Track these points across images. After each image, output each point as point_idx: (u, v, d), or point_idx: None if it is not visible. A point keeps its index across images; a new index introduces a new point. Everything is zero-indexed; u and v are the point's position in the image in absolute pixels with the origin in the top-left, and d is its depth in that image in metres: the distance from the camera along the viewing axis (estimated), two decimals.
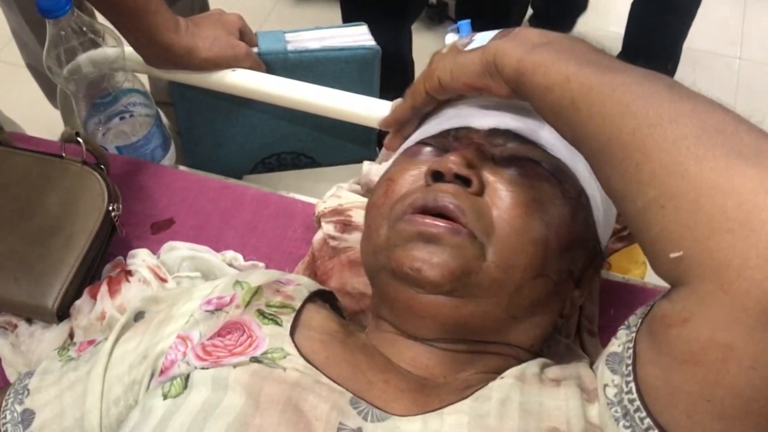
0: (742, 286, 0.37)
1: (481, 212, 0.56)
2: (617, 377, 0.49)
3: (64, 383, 0.62)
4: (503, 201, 0.57)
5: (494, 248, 0.55)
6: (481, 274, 0.55)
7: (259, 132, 1.10)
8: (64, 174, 0.82)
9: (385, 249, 0.58)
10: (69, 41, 0.89)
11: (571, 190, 0.61)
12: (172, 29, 0.90)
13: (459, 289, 0.55)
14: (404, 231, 0.56)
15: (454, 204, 0.55)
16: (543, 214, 0.57)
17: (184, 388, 0.53)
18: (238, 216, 0.89)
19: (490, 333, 0.59)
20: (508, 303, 0.57)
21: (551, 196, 0.59)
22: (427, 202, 0.56)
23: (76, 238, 0.79)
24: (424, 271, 0.54)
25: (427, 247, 0.55)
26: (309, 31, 1.05)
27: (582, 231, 0.61)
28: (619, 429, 0.47)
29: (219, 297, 0.63)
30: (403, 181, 0.61)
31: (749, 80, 2.12)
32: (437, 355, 0.58)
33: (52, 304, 0.77)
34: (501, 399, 0.51)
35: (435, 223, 0.55)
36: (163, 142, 1.04)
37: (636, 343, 0.47)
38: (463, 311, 0.56)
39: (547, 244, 0.57)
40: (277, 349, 0.56)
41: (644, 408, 0.45)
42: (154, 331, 0.62)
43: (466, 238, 0.55)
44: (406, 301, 0.56)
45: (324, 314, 0.63)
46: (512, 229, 0.56)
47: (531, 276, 0.57)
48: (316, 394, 0.52)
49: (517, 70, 0.52)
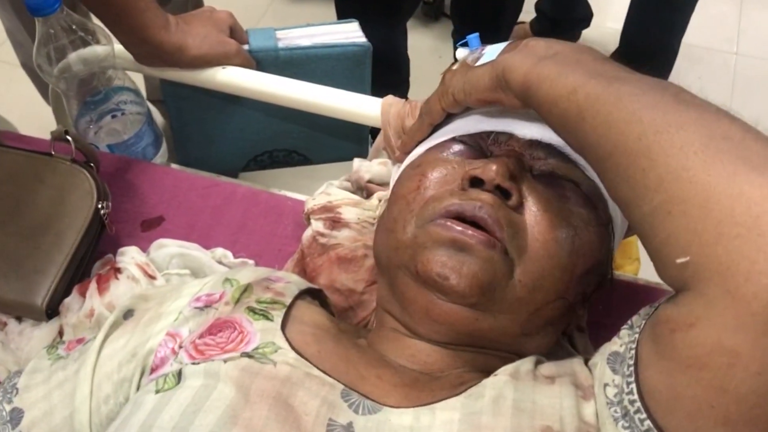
0: (749, 290, 0.37)
1: (517, 229, 0.55)
2: (618, 377, 0.48)
3: (53, 382, 0.62)
4: (540, 222, 0.56)
5: (523, 268, 0.55)
6: (507, 291, 0.55)
7: (251, 129, 1.10)
8: (53, 172, 0.82)
9: (411, 247, 0.57)
10: (59, 39, 0.89)
11: (603, 216, 0.60)
12: (161, 27, 0.90)
13: (482, 303, 0.55)
14: (436, 234, 0.55)
15: (493, 217, 0.54)
16: (575, 240, 0.57)
17: (176, 383, 0.53)
18: (228, 213, 0.89)
19: (501, 345, 0.59)
20: (525, 321, 0.57)
21: (586, 223, 0.58)
22: (464, 210, 0.55)
23: (65, 236, 0.79)
24: (452, 279, 0.53)
25: (458, 255, 0.54)
26: (300, 28, 1.05)
27: (604, 257, 0.61)
28: (618, 429, 0.47)
29: (208, 294, 0.63)
30: (436, 179, 0.59)
31: (746, 76, 2.11)
32: (438, 353, 0.59)
33: (41, 302, 0.77)
34: (494, 397, 0.51)
35: (470, 232, 0.54)
36: (155, 140, 1.05)
37: (639, 345, 0.47)
38: (481, 324, 0.56)
39: (573, 270, 0.57)
40: (269, 344, 0.56)
41: (645, 410, 0.45)
42: (143, 328, 0.62)
43: (498, 254, 0.54)
44: (424, 305, 0.56)
45: (315, 310, 0.64)
46: (545, 252, 0.55)
47: (552, 299, 0.56)
48: (306, 388, 0.52)
49: (525, 83, 0.53)
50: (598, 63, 0.51)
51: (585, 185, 0.60)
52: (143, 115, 1.02)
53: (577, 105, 0.48)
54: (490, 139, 0.62)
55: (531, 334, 0.59)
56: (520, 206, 0.56)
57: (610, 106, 0.46)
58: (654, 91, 0.46)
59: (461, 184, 0.57)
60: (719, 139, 0.41)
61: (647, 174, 0.42)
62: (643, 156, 0.43)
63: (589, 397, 0.51)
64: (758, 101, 2.03)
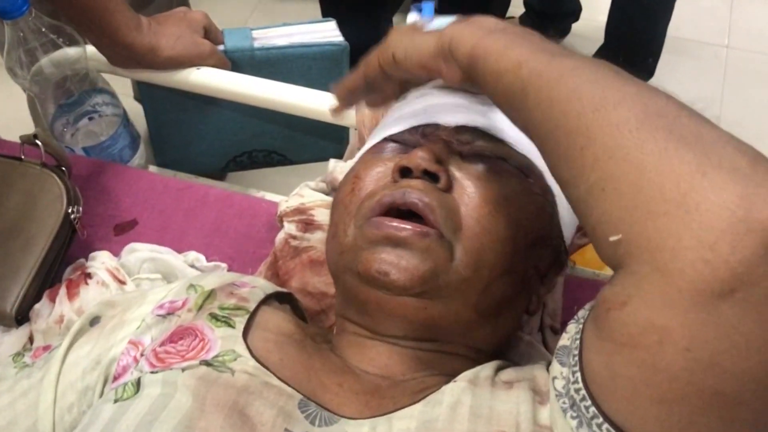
0: (676, 266, 0.37)
1: (449, 209, 0.56)
2: (565, 369, 0.48)
3: (17, 390, 0.62)
4: (471, 198, 0.57)
5: (462, 247, 0.55)
6: (450, 275, 0.55)
7: (229, 130, 1.09)
8: (22, 176, 0.81)
9: (352, 250, 0.57)
10: (29, 43, 0.89)
11: (537, 187, 0.61)
12: (133, 28, 0.90)
13: (428, 291, 0.55)
14: (372, 234, 0.55)
15: (423, 201, 0.55)
16: (511, 211, 0.57)
17: (135, 393, 0.52)
18: (202, 216, 0.89)
19: (459, 333, 0.59)
20: (476, 301, 0.56)
21: (518, 193, 0.58)
22: (395, 199, 0.56)
23: (34, 241, 0.79)
24: (392, 275, 0.53)
25: (395, 251, 0.54)
26: (276, 28, 1.04)
27: (548, 228, 0.61)
28: (567, 420, 0.46)
29: (171, 301, 0.63)
30: (370, 178, 0.60)
31: (737, 69, 2.10)
32: (399, 354, 0.58)
33: (10, 308, 0.76)
34: (452, 403, 0.51)
35: (402, 226, 0.54)
36: (131, 142, 1.04)
37: (582, 333, 0.47)
38: (432, 312, 0.56)
39: (515, 242, 0.56)
40: (229, 351, 0.55)
41: (589, 396, 0.44)
42: (107, 336, 0.62)
43: (435, 241, 0.54)
44: (375, 301, 0.56)
45: (281, 316, 0.63)
46: (481, 227, 0.55)
47: (498, 274, 0.56)
48: (263, 398, 0.51)
49: (472, 55, 0.52)
50: (545, 42, 0.51)
51: (514, 160, 0.61)
52: (119, 117, 1.02)
53: (521, 80, 0.47)
54: (419, 132, 0.63)
55: (487, 316, 0.58)
56: (450, 187, 0.57)
57: (553, 82, 0.45)
58: (595, 67, 0.45)
59: (393, 177, 0.58)
60: (654, 116, 0.41)
61: (584, 152, 0.42)
62: (581, 134, 0.43)
63: (546, 402, 0.50)
64: (749, 95, 2.02)
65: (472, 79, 0.53)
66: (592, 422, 0.44)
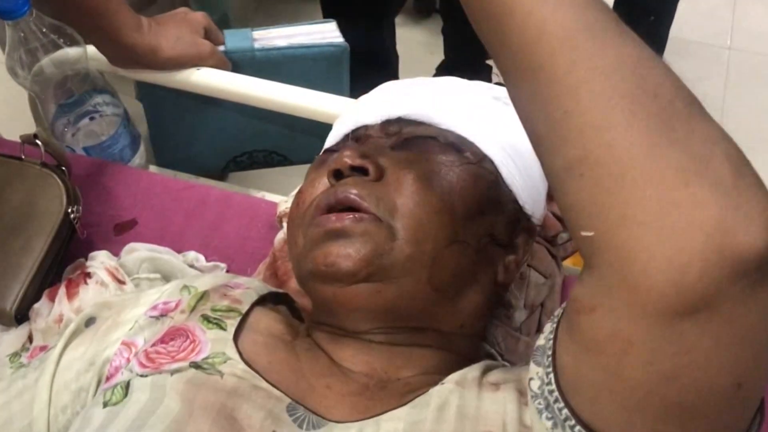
0: (645, 283, 0.37)
1: (381, 195, 0.57)
2: (540, 369, 0.48)
3: (12, 391, 0.62)
4: (402, 180, 0.58)
5: (401, 225, 0.56)
6: (394, 253, 0.55)
7: (229, 130, 1.09)
8: (22, 176, 0.82)
9: (304, 256, 0.58)
10: (30, 43, 0.89)
11: (471, 156, 0.61)
12: (134, 28, 0.90)
13: (375, 273, 0.55)
14: (314, 234, 0.57)
15: (353, 193, 0.56)
16: (443, 183, 0.58)
17: (124, 396, 0.53)
18: (202, 216, 0.89)
19: (422, 315, 0.59)
20: (428, 276, 0.56)
21: (448, 165, 0.59)
22: (329, 200, 0.57)
23: (34, 240, 0.79)
24: (338, 263, 0.54)
25: (338, 242, 0.55)
26: (277, 29, 1.04)
27: (492, 194, 0.61)
28: (543, 421, 0.47)
29: (165, 302, 0.63)
30: (312, 189, 0.62)
31: (739, 70, 2.10)
32: (375, 350, 0.58)
33: (10, 307, 0.77)
34: (439, 405, 0.51)
35: (338, 218, 0.56)
36: (132, 142, 1.04)
37: (556, 332, 0.47)
38: (386, 294, 0.56)
39: (452, 210, 0.57)
40: (219, 354, 0.55)
41: (561, 398, 0.45)
42: (101, 337, 0.62)
43: (371, 223, 0.55)
44: (332, 298, 0.57)
45: (272, 316, 0.63)
46: (414, 203, 0.56)
47: (444, 245, 0.56)
48: (252, 401, 0.52)
49: None
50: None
51: (443, 137, 0.62)
52: (120, 117, 1.02)
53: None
54: (350, 138, 0.66)
55: (445, 290, 0.58)
56: (381, 176, 0.58)
57: (546, 12, 0.40)
58: (596, 8, 0.41)
59: (329, 183, 0.60)
60: (650, 95, 0.38)
61: (569, 118, 0.39)
62: (568, 95, 0.39)
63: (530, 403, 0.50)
64: (751, 96, 2.01)
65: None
66: (565, 424, 0.45)
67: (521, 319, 0.78)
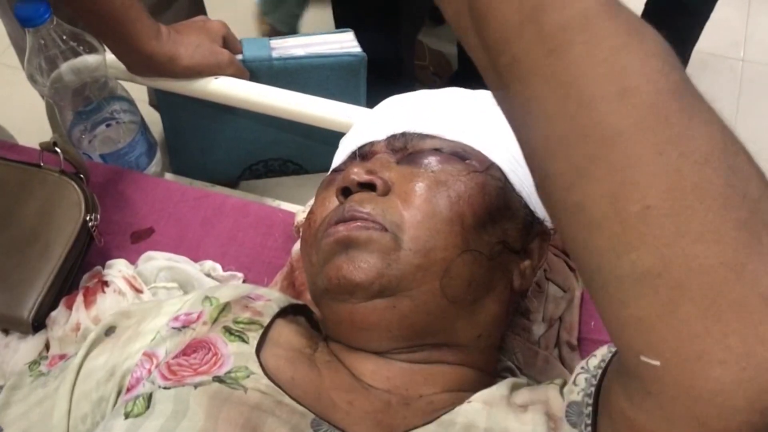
0: (718, 425, 0.34)
1: (387, 207, 0.57)
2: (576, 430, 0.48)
3: (32, 399, 0.62)
4: (409, 193, 0.58)
5: (408, 236, 0.56)
6: (402, 264, 0.55)
7: (245, 139, 1.09)
8: (41, 184, 0.82)
9: (318, 272, 0.59)
10: (50, 50, 0.89)
11: (477, 164, 0.61)
12: (153, 37, 0.90)
13: (387, 287, 0.55)
14: (326, 246, 0.57)
15: (363, 209, 0.57)
16: (450, 193, 0.58)
17: (146, 408, 0.52)
18: (219, 225, 0.89)
19: (440, 329, 0.58)
20: (442, 287, 0.56)
21: (455, 174, 0.59)
22: (339, 216, 0.58)
23: (52, 248, 0.79)
24: (349, 273, 0.55)
25: (347, 253, 0.56)
26: (294, 38, 1.04)
27: (502, 201, 0.61)
28: None
29: (187, 313, 0.63)
30: (322, 209, 0.62)
31: (753, 82, 2.09)
32: (395, 367, 0.58)
33: (27, 315, 0.76)
34: (465, 425, 0.50)
35: (345, 226, 0.56)
36: (148, 149, 1.04)
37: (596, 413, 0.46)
38: (401, 309, 0.56)
39: (461, 220, 0.57)
40: (242, 368, 0.55)
41: None
42: (122, 347, 0.62)
43: (377, 232, 0.55)
44: (348, 317, 0.57)
45: (293, 329, 0.63)
46: (422, 214, 0.56)
47: (455, 254, 0.56)
48: (276, 416, 0.51)
49: None
50: None
51: (447, 148, 0.62)
52: (137, 124, 1.02)
53: None
54: (357, 156, 0.67)
55: (461, 302, 0.58)
56: (388, 191, 0.59)
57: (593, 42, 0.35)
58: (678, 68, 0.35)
59: (339, 201, 0.60)
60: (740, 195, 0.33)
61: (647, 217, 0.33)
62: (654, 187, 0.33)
63: (560, 429, 0.50)
64: (765, 108, 2.00)
65: None
66: None
67: (540, 333, 0.77)
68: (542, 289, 0.78)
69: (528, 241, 0.64)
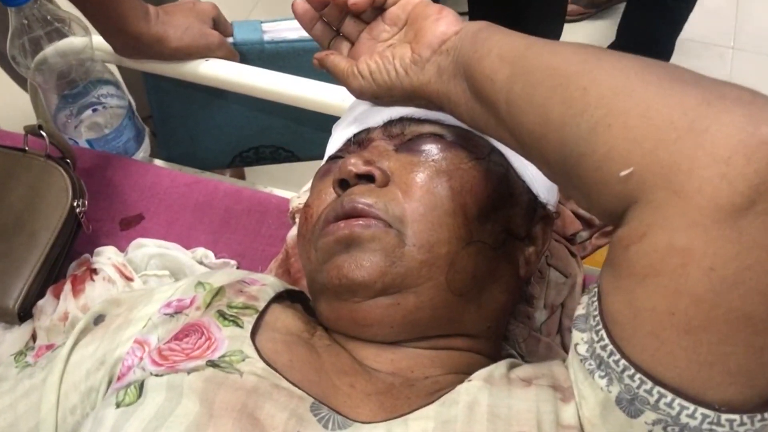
0: (693, 185, 0.37)
1: (389, 200, 0.55)
2: (586, 334, 0.47)
3: (18, 391, 0.60)
4: (409, 183, 0.56)
5: (411, 231, 0.55)
6: (406, 260, 0.54)
7: (235, 125, 1.07)
8: (26, 169, 0.79)
9: (317, 270, 0.57)
10: (33, 31, 0.86)
11: (478, 151, 0.60)
12: (141, 17, 0.87)
13: (391, 285, 0.54)
14: (325, 245, 0.56)
15: (361, 202, 0.55)
16: (452, 183, 0.56)
17: (138, 396, 0.50)
18: (210, 211, 0.86)
19: (446, 322, 0.57)
20: (447, 282, 0.55)
21: (457, 162, 0.58)
22: (337, 211, 0.56)
23: (38, 235, 0.76)
24: (351, 273, 0.53)
25: (348, 252, 0.54)
26: (287, 21, 1.01)
27: (504, 188, 0.60)
28: (596, 380, 0.45)
29: (179, 299, 0.61)
30: (319, 202, 0.61)
31: (742, 71, 2.08)
32: (401, 351, 0.57)
33: (13, 305, 0.74)
34: (468, 403, 0.49)
35: (346, 224, 0.55)
36: (136, 135, 1.01)
37: (599, 287, 0.45)
38: (406, 306, 0.55)
39: (465, 211, 0.56)
40: (236, 352, 0.53)
41: (617, 350, 0.43)
42: (112, 335, 0.59)
43: (380, 229, 0.54)
44: (349, 315, 0.56)
45: (290, 314, 0.61)
46: (425, 207, 0.55)
47: (459, 247, 0.55)
48: (273, 401, 0.49)
49: None
50: None
51: (447, 134, 0.61)
52: (124, 109, 0.99)
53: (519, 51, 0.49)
54: (352, 143, 0.64)
55: (467, 294, 0.57)
56: (387, 181, 0.57)
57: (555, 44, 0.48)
58: None
59: (336, 193, 0.59)
60: (655, 65, 0.43)
61: (588, 92, 0.43)
62: (584, 76, 0.43)
63: (569, 399, 0.48)
64: None
65: None
66: (623, 375, 0.42)
67: (541, 320, 0.76)
68: (544, 276, 0.77)
69: (531, 227, 0.62)
